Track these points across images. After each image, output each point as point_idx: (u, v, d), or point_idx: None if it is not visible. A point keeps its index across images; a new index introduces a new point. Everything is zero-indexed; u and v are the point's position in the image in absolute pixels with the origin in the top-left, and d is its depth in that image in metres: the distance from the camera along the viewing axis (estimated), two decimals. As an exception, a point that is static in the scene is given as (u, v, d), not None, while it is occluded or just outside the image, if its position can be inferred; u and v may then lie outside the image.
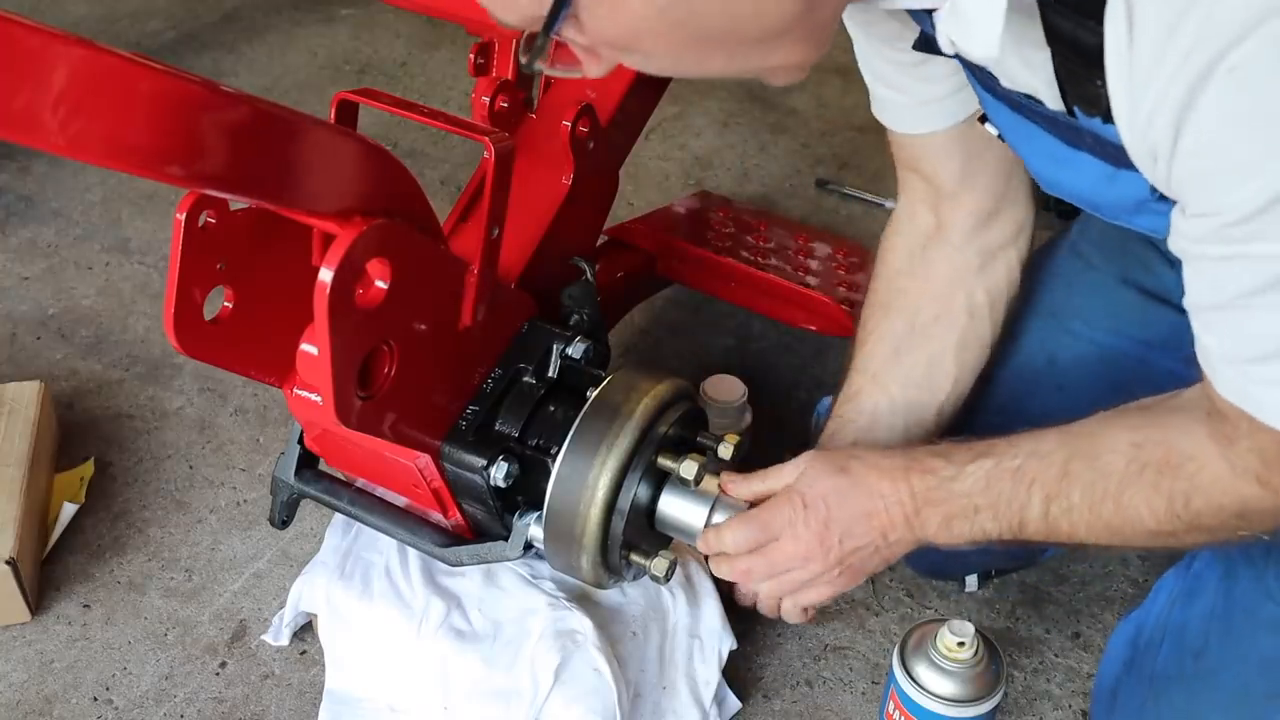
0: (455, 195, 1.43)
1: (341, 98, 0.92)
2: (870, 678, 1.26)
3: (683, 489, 1.04)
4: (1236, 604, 1.01)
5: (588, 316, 1.17)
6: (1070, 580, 1.37)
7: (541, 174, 1.19)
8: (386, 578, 1.16)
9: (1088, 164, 0.86)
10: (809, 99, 2.27)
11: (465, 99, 1.64)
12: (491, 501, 1.02)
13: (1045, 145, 0.90)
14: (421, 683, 1.13)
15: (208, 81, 0.68)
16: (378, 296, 0.87)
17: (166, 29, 2.47)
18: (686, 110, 2.23)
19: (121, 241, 1.87)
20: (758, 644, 1.28)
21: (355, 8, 2.56)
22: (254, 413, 1.55)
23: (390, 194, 0.88)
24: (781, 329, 1.64)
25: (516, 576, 1.15)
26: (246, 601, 1.32)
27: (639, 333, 1.70)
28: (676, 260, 1.58)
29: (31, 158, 2.02)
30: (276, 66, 2.36)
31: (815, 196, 2.02)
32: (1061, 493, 0.92)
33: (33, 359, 1.63)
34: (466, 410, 1.02)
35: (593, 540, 1.00)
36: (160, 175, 0.67)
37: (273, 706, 1.21)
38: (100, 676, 1.24)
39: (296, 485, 1.11)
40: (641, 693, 1.14)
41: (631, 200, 1.93)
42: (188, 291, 0.87)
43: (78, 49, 0.60)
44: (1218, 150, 0.70)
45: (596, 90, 1.25)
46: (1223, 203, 0.71)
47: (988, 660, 1.10)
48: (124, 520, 1.40)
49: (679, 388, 1.05)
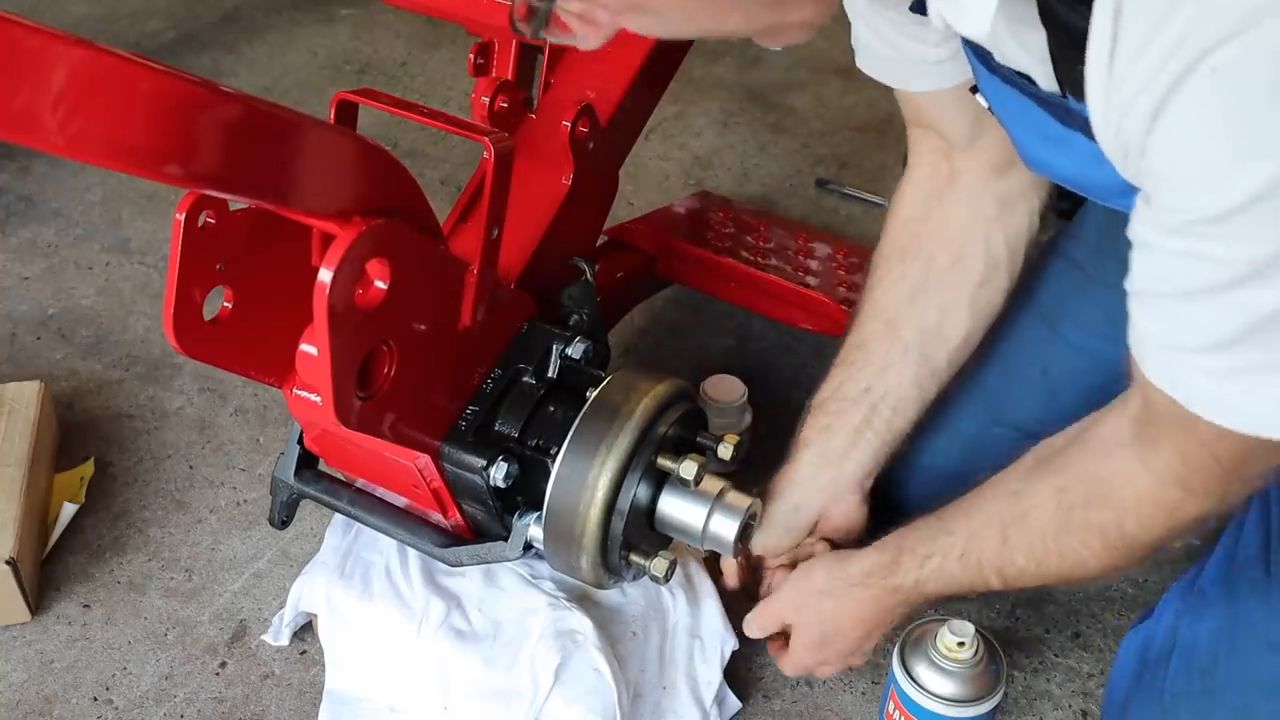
0: (455, 195, 1.43)
1: (341, 98, 0.92)
2: (870, 678, 1.26)
3: (682, 489, 1.04)
4: (1241, 623, 1.01)
5: (587, 316, 1.17)
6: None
7: (541, 174, 1.19)
8: (386, 578, 1.16)
9: (1080, 144, 0.85)
10: (809, 99, 2.27)
11: (465, 99, 1.64)
12: (491, 502, 1.02)
13: (1037, 121, 0.89)
14: (421, 683, 1.13)
15: (207, 81, 0.67)
16: (377, 297, 0.87)
17: (166, 29, 2.47)
18: (686, 110, 2.23)
19: (121, 241, 1.87)
20: (758, 644, 1.28)
21: (355, 8, 2.56)
22: (254, 413, 1.55)
23: (390, 194, 0.88)
24: (781, 329, 1.64)
25: (516, 576, 1.15)
26: (246, 601, 1.32)
27: (639, 333, 1.70)
28: (676, 260, 1.58)
29: (31, 158, 2.02)
30: (276, 66, 2.36)
31: (815, 196, 2.02)
32: (1009, 561, 0.97)
33: (33, 359, 1.63)
34: (466, 410, 1.02)
35: (592, 540, 1.00)
36: (160, 175, 0.67)
37: (273, 706, 1.21)
38: (100, 676, 1.24)
39: (296, 485, 1.11)
40: (641, 693, 1.14)
41: (631, 200, 1.93)
42: (187, 291, 0.87)
43: (77, 49, 0.60)
44: (1192, 147, 0.69)
45: (596, 90, 1.25)
46: (1192, 200, 0.71)
47: (988, 660, 1.10)
48: (124, 520, 1.40)
49: (679, 388, 1.05)
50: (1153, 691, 1.08)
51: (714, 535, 1.04)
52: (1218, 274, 0.72)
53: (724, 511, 1.04)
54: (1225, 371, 0.76)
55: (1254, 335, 0.73)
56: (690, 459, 1.01)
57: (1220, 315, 0.74)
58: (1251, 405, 0.76)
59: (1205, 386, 0.77)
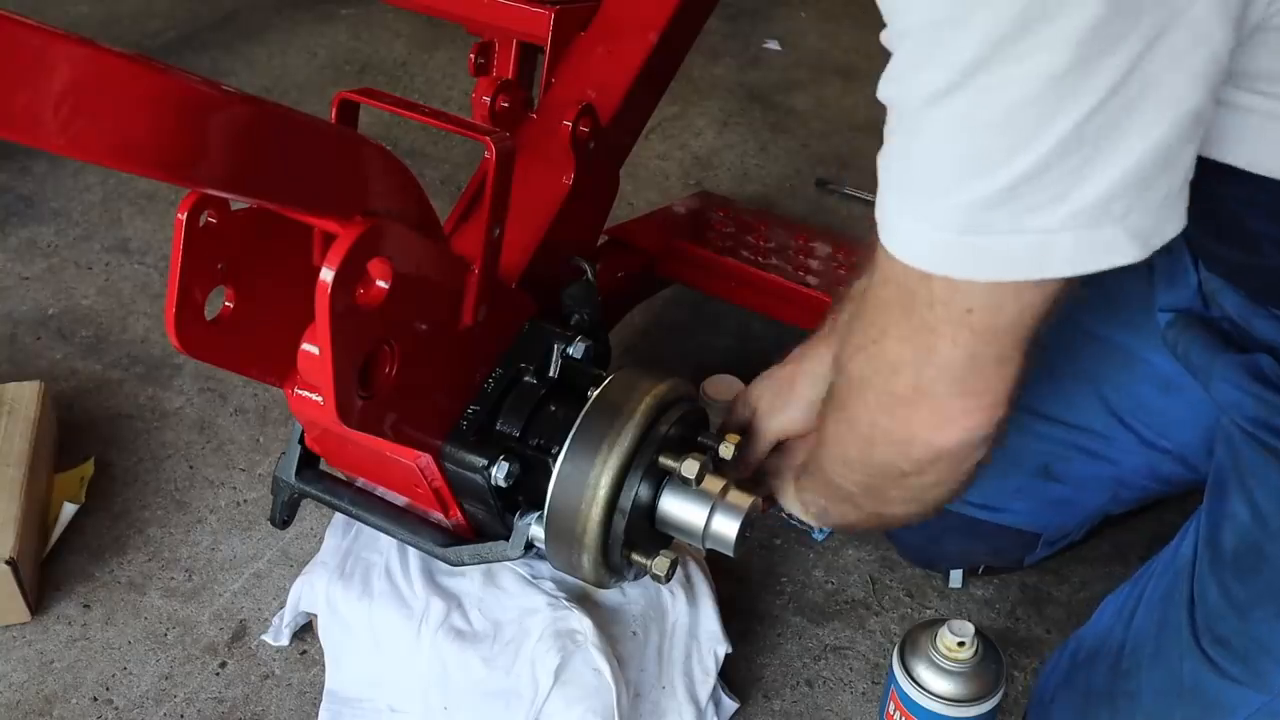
0: (455, 195, 1.43)
1: (342, 97, 0.92)
2: (870, 678, 1.26)
3: (684, 488, 1.04)
4: (1169, 628, 1.01)
5: (588, 316, 1.17)
6: (1070, 580, 1.37)
7: (542, 174, 1.19)
8: (386, 578, 1.16)
9: None
10: (809, 99, 2.27)
11: (465, 99, 1.64)
12: (492, 501, 1.02)
13: None
14: (421, 683, 1.13)
15: (208, 81, 0.67)
16: (378, 296, 0.87)
17: (166, 29, 2.47)
18: (686, 110, 2.23)
19: (121, 241, 1.87)
20: (758, 644, 1.28)
21: (355, 7, 2.56)
22: (254, 413, 1.55)
23: (391, 194, 0.88)
24: (781, 329, 1.64)
25: (516, 576, 1.15)
26: (246, 601, 1.32)
27: (639, 333, 1.70)
28: (676, 260, 1.58)
29: (31, 158, 2.02)
30: (276, 66, 2.36)
31: (815, 196, 2.02)
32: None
33: (33, 359, 1.63)
34: (467, 410, 1.02)
35: (594, 540, 1.00)
36: (161, 175, 0.67)
37: (273, 706, 1.21)
38: (100, 676, 1.24)
39: (297, 485, 1.11)
40: (641, 692, 1.14)
41: (631, 200, 1.94)
42: (188, 291, 0.87)
43: (78, 48, 0.60)
44: None
45: (597, 90, 1.25)
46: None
47: (988, 660, 1.10)
48: (124, 520, 1.40)
49: (680, 387, 1.05)
50: (1076, 690, 1.09)
51: (715, 534, 1.04)
52: (899, 63, 0.71)
53: (725, 511, 1.04)
54: (898, 207, 0.75)
55: (912, 146, 0.71)
56: (692, 458, 1.01)
57: (895, 119, 0.73)
58: (903, 235, 0.75)
59: (889, 216, 0.76)
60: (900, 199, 0.73)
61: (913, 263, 0.73)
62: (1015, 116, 0.65)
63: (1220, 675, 0.96)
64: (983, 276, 0.72)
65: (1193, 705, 0.97)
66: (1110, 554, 1.40)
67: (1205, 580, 0.99)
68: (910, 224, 0.73)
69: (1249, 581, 0.96)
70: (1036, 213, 0.68)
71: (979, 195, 0.68)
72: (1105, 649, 1.08)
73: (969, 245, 0.70)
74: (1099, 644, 1.09)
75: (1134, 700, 1.02)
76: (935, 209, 0.71)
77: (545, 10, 1.23)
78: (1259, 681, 0.94)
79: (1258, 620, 0.95)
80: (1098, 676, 1.07)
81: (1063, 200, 0.67)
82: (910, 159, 0.72)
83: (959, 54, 0.65)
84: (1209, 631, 0.97)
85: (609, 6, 1.29)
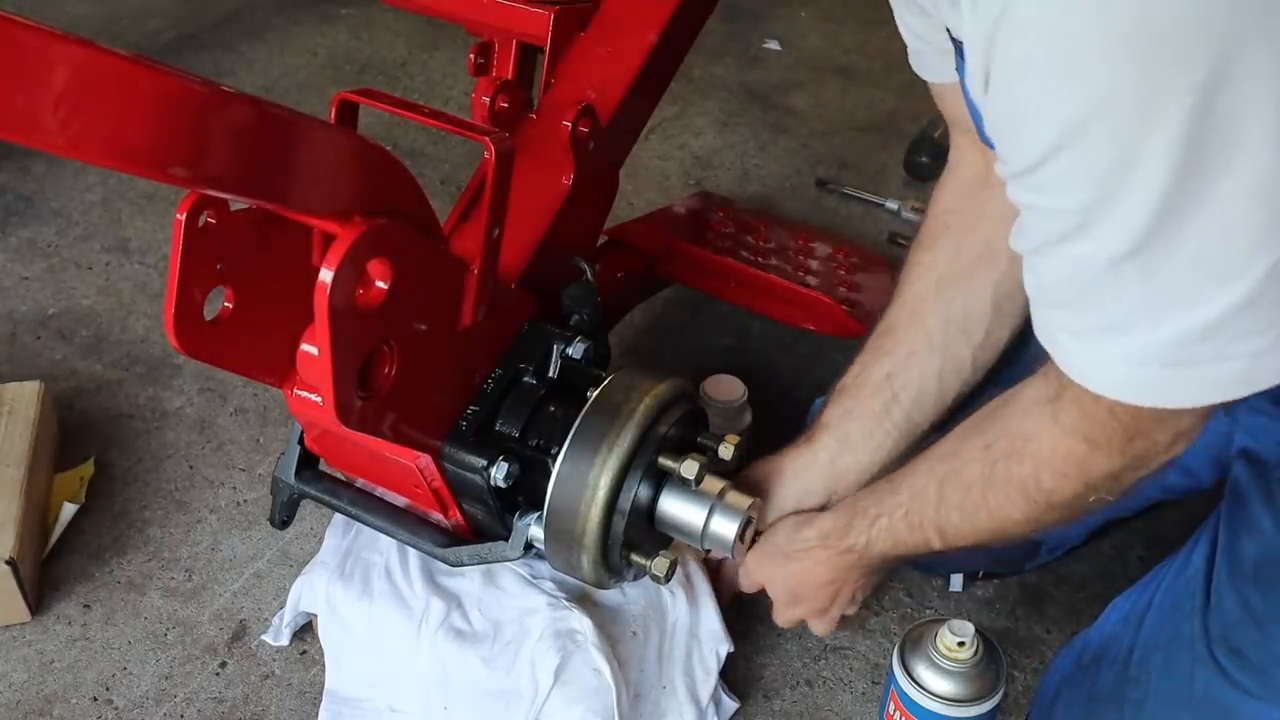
0: (455, 195, 1.43)
1: (341, 98, 0.92)
2: (870, 678, 1.26)
3: (683, 489, 1.04)
4: (1181, 637, 1.01)
5: (588, 316, 1.17)
6: (1070, 580, 1.37)
7: (542, 174, 1.19)
8: (386, 578, 1.16)
9: None
10: (809, 99, 2.27)
11: (465, 99, 1.64)
12: (492, 502, 1.02)
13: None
14: (421, 683, 1.13)
15: (208, 81, 0.67)
16: (378, 297, 0.87)
17: (166, 29, 2.47)
18: (686, 110, 2.23)
19: (121, 241, 1.87)
20: (758, 644, 1.28)
21: (355, 7, 2.56)
22: (254, 413, 1.55)
23: (390, 194, 0.88)
24: (781, 329, 1.64)
25: (516, 576, 1.15)
26: (246, 601, 1.32)
27: (639, 333, 1.70)
28: (676, 260, 1.58)
29: (31, 158, 2.02)
30: (276, 66, 2.36)
31: (815, 196, 2.02)
32: (945, 518, 0.98)
33: (33, 359, 1.63)
34: (467, 410, 1.02)
35: (593, 540, 1.00)
36: (161, 175, 0.67)
37: (273, 706, 1.21)
38: (100, 676, 1.24)
39: (297, 485, 1.11)
40: (641, 692, 1.14)
41: (631, 200, 1.93)
42: (188, 291, 0.87)
43: (78, 49, 0.60)
44: (1002, 99, 0.70)
45: (597, 90, 1.25)
46: (1010, 152, 0.72)
47: (988, 660, 1.10)
48: (124, 520, 1.40)
49: (680, 388, 1.05)
50: (1080, 692, 1.08)
51: (714, 535, 1.05)
52: (1048, 225, 0.72)
53: (724, 512, 1.04)
54: (1079, 330, 0.76)
55: (1091, 292, 0.73)
56: (691, 459, 1.01)
57: (1059, 269, 0.74)
58: (1097, 369, 0.77)
59: (1066, 344, 0.78)
60: (1101, 339, 0.76)
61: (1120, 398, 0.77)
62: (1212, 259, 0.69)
63: (1233, 686, 0.95)
64: (1191, 403, 0.76)
65: (1203, 715, 0.97)
66: (1110, 554, 1.40)
67: (1223, 589, 0.99)
68: (1111, 361, 0.76)
69: (1269, 595, 0.96)
70: (1243, 340, 0.71)
71: (1182, 330, 0.71)
72: (1112, 653, 1.07)
73: (1176, 377, 0.74)
74: (1105, 647, 1.09)
75: (1141, 707, 1.02)
76: (1135, 345, 0.74)
77: (545, 10, 1.23)
78: (1274, 695, 0.93)
79: (1275, 635, 0.94)
80: (1104, 680, 1.07)
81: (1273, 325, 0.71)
82: (1105, 307, 0.74)
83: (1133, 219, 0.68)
84: (1224, 641, 0.97)
85: (609, 6, 1.29)
